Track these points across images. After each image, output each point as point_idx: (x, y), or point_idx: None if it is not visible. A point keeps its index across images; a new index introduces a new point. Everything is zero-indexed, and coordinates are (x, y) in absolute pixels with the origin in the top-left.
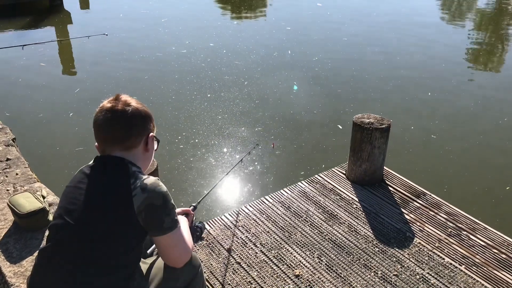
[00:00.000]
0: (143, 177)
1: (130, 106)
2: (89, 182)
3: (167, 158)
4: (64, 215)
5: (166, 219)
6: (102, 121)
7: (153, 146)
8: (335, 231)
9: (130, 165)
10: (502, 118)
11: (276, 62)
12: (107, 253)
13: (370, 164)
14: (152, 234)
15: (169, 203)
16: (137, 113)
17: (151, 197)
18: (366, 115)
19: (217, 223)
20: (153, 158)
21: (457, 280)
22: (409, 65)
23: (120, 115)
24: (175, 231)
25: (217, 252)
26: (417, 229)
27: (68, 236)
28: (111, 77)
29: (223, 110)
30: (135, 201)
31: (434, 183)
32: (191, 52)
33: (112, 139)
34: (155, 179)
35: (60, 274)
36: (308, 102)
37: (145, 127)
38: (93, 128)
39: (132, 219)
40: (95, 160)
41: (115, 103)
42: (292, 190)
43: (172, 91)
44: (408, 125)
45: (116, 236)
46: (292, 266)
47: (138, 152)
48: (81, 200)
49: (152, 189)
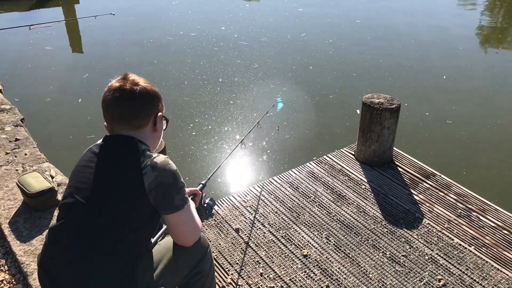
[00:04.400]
0: (153, 155)
1: (139, 85)
2: (99, 161)
3: (179, 145)
4: (75, 193)
5: (177, 197)
6: (110, 100)
7: (162, 126)
8: (344, 211)
9: (140, 143)
10: None
11: (289, 45)
12: (117, 231)
13: (379, 144)
14: (163, 212)
15: (179, 181)
16: (145, 92)
17: (162, 176)
18: (376, 95)
19: (225, 203)
20: (161, 138)
21: (466, 261)
22: (423, 48)
23: (128, 94)
24: (185, 209)
25: (225, 232)
26: (426, 210)
27: (78, 215)
28: (120, 62)
29: (236, 95)
30: (146, 180)
31: (445, 165)
32: (203, 36)
33: (121, 119)
34: (165, 158)
35: (70, 252)
36: (322, 85)
37: (153, 107)
38: (102, 108)
39: (142, 198)
40: (104, 139)
41: (124, 82)
42: (301, 171)
43: (183, 76)
44: (422, 108)
45: (126, 214)
46: (300, 246)
47: (147, 132)
48: (91, 179)
49: (162, 167)
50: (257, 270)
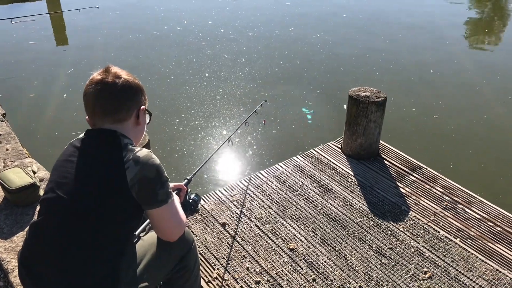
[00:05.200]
0: (135, 149)
1: (121, 78)
2: (80, 155)
3: (166, 141)
4: (56, 188)
5: (160, 191)
6: (91, 93)
7: (145, 119)
8: (330, 205)
9: (122, 137)
10: (502, 95)
11: (276, 40)
12: (99, 227)
13: (365, 138)
14: (146, 207)
15: (163, 175)
16: (127, 85)
17: (145, 170)
18: (362, 89)
19: (211, 197)
20: (145, 133)
21: (451, 253)
22: (410, 43)
23: (110, 87)
24: (169, 203)
25: (211, 226)
26: (413, 203)
27: (59, 210)
28: (105, 56)
29: (223, 90)
30: (128, 174)
31: (432, 158)
32: (189, 31)
33: (102, 112)
34: (148, 152)
35: (51, 248)
36: (309, 80)
37: (136, 100)
38: (83, 101)
39: (125, 192)
40: (86, 133)
41: (105, 75)
42: (287, 165)
43: (170, 71)
44: (408, 102)
45: (108, 209)
46: (286, 240)
47: (130, 125)
48: (73, 174)
49: (145, 161)
50: (244, 264)
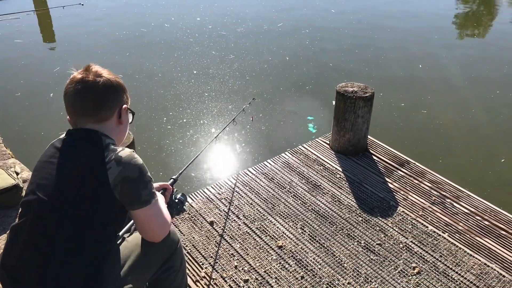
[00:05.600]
0: (117, 149)
1: (102, 77)
2: (62, 156)
3: (154, 139)
4: (36, 190)
5: (143, 192)
6: (72, 93)
7: (127, 119)
8: (319, 201)
9: (104, 137)
10: (490, 89)
11: (265, 36)
12: (81, 229)
13: (353, 133)
14: (129, 207)
15: (146, 175)
16: (108, 84)
17: (127, 170)
18: (349, 84)
19: (199, 196)
20: (128, 131)
21: (440, 248)
22: (399, 38)
23: (90, 86)
24: (153, 204)
25: (199, 225)
26: (401, 198)
27: (40, 212)
28: (92, 54)
29: (211, 87)
30: (110, 175)
31: (421, 153)
32: (177, 27)
33: (83, 112)
34: (130, 151)
35: (32, 251)
36: (298, 76)
37: (117, 99)
38: (64, 101)
39: (107, 193)
40: (67, 134)
41: (86, 74)
42: (276, 162)
43: (157, 68)
44: (397, 97)
45: (90, 211)
46: (275, 237)
47: (112, 125)
48: (54, 175)
49: (127, 161)
50: (232, 262)
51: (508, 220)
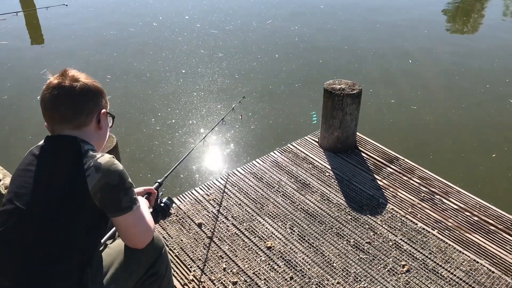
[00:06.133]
0: (96, 155)
1: (78, 81)
2: (39, 164)
3: (143, 141)
4: (14, 200)
5: (124, 198)
6: (48, 99)
7: (107, 123)
8: (308, 200)
9: (83, 144)
10: (480, 84)
11: (254, 33)
12: (60, 238)
13: (342, 131)
14: (110, 215)
15: (126, 181)
16: (86, 89)
17: (106, 177)
18: (337, 81)
19: (187, 197)
20: (112, 135)
21: (429, 245)
22: (388, 33)
23: (67, 92)
24: (134, 210)
25: (187, 227)
26: (390, 195)
27: (18, 222)
28: (79, 55)
29: (200, 86)
30: (89, 182)
31: (411, 150)
32: (165, 26)
33: (60, 118)
34: (109, 157)
35: (10, 263)
36: (287, 74)
37: (95, 104)
38: (40, 107)
39: (87, 201)
40: (45, 140)
41: (62, 79)
42: (264, 161)
43: (145, 68)
44: (387, 93)
45: (70, 219)
46: (264, 238)
47: (91, 131)
48: (31, 184)
49: (107, 168)
50: (220, 265)
51: (497, 215)
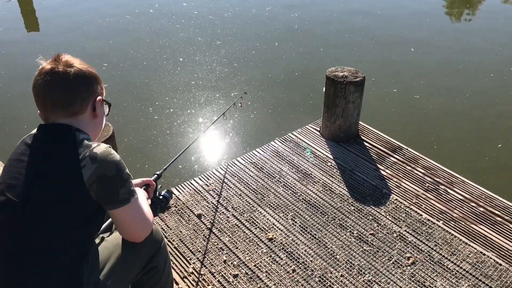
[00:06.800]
0: (92, 145)
1: (73, 67)
2: (32, 153)
3: (141, 130)
4: (6, 191)
5: (121, 190)
6: (41, 85)
7: (103, 111)
8: (309, 191)
9: (78, 133)
10: (484, 73)
11: (253, 20)
12: (55, 231)
13: (344, 119)
14: (107, 207)
15: (124, 172)
16: (80, 74)
17: (103, 167)
18: (339, 68)
19: (186, 188)
20: (108, 123)
21: (434, 237)
22: (390, 20)
23: (61, 78)
24: (132, 202)
25: (186, 218)
26: (394, 186)
27: (11, 215)
28: (75, 42)
29: (198, 75)
30: (85, 173)
31: (414, 139)
32: (163, 13)
33: (54, 105)
34: (106, 147)
35: (3, 257)
36: (287, 62)
37: (90, 90)
38: (33, 94)
39: (82, 193)
40: (38, 129)
41: (55, 64)
42: (265, 150)
43: (142, 56)
44: (389, 82)
45: (65, 212)
46: (265, 230)
47: (86, 119)
48: (24, 175)
49: (103, 158)
50: (221, 257)
51: (504, 206)
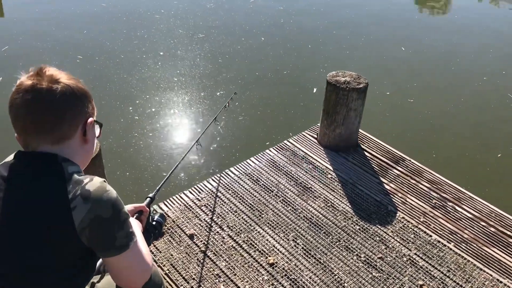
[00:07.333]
0: (84, 181)
1: (59, 83)
2: (9, 189)
3: (120, 132)
4: None
5: (119, 234)
6: (20, 105)
7: (94, 134)
8: (310, 206)
9: (66, 164)
10: (477, 75)
11: (237, 13)
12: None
13: (345, 128)
14: (102, 254)
15: (121, 212)
16: (69, 92)
17: (97, 208)
18: (341, 73)
19: (176, 203)
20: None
21: (446, 261)
22: (378, 18)
23: (45, 96)
24: (131, 248)
25: (177, 239)
26: (399, 201)
27: None
28: (46, 32)
29: (181, 71)
30: (76, 216)
31: (412, 147)
32: (141, 2)
33: (37, 130)
34: (100, 182)
35: None
36: (274, 59)
37: (81, 111)
38: (9, 115)
39: (72, 240)
40: (17, 158)
41: (38, 79)
42: (260, 160)
43: (119, 49)
44: (382, 84)
45: (50, 262)
46: (265, 253)
47: (74, 144)
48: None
49: (97, 197)
50: (217, 285)
51: None
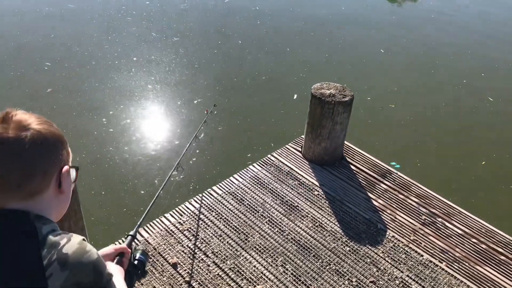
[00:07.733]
0: (60, 242)
1: (28, 130)
2: None
3: (94, 147)
4: None
5: None
6: None
7: (70, 181)
8: (298, 227)
9: (39, 223)
10: (457, 80)
11: (212, 14)
12: None
13: (330, 142)
14: None
15: (104, 275)
16: (40, 140)
17: (77, 274)
18: (325, 84)
19: (157, 227)
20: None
21: (439, 282)
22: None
23: (12, 147)
24: None
25: (159, 268)
26: (389, 219)
27: None
28: (9, 35)
29: (155, 78)
30: (52, 284)
31: (396, 156)
32: (111, 3)
33: (4, 186)
34: (79, 243)
35: None
36: (252, 63)
37: (54, 160)
38: None
39: None
40: None
41: (3, 128)
42: (243, 177)
43: (89, 54)
44: (362, 89)
45: None
46: (252, 280)
47: (48, 198)
48: None
49: (76, 260)
50: None
51: (505, 242)
